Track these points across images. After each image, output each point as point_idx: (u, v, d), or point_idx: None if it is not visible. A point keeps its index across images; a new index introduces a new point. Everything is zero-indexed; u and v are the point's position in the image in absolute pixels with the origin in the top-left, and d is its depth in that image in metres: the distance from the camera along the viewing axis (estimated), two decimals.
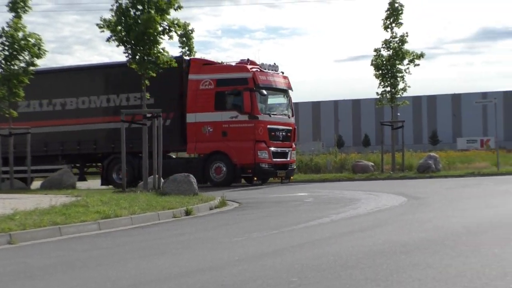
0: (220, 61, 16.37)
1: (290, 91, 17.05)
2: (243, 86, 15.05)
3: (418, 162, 18.62)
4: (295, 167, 17.23)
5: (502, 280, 3.24)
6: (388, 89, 18.19)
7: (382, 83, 18.13)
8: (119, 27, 10.64)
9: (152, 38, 10.57)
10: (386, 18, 18.07)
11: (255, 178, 15.80)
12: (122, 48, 11.03)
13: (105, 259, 5.25)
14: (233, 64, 16.17)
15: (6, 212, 7.41)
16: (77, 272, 4.46)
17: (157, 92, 13.90)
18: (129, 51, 10.84)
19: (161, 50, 10.90)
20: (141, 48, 10.65)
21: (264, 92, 15.36)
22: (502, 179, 14.94)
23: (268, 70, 16.11)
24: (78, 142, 16.30)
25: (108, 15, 10.96)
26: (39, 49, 13.48)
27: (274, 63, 16.73)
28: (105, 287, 3.65)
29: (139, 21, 10.47)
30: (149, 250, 5.65)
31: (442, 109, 35.34)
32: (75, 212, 7.89)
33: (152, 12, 10.35)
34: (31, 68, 13.51)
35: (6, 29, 13.28)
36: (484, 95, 39.44)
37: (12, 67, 13.26)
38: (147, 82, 11.38)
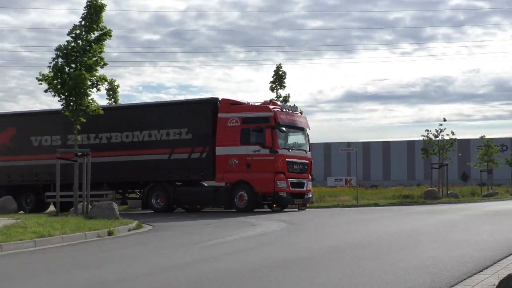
0: (246, 102, 18.10)
1: (307, 129, 18.71)
2: (265, 124, 16.61)
3: None
4: (311, 195, 18.83)
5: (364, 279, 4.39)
6: None
7: None
8: (55, 81, 12.75)
9: (82, 90, 12.72)
10: (272, 82, 22.60)
11: (275, 205, 17.30)
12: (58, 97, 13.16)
13: (38, 272, 5.91)
14: (257, 104, 17.85)
15: None
16: (14, 281, 5.20)
17: (194, 129, 17.06)
18: (64, 101, 12.96)
19: (91, 101, 13.03)
20: (74, 98, 12.81)
21: (284, 129, 16.96)
22: (360, 210, 18.76)
23: (288, 110, 17.89)
24: (122, 171, 17.79)
25: (47, 71, 12.85)
26: None
27: (294, 105, 19.15)
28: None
29: (72, 77, 12.76)
30: (76, 264, 6.51)
31: (316, 155, 43.76)
32: (15, 232, 8.99)
33: (83, 69, 12.70)
34: None
35: None
36: (349, 144, 49.62)
37: None
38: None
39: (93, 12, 12.34)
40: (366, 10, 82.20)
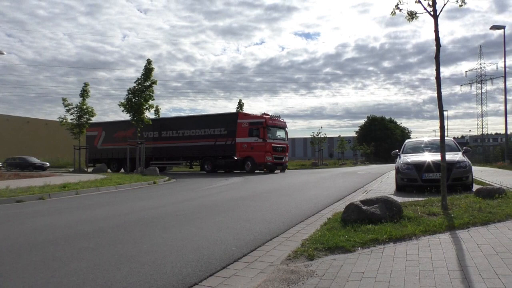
0: (252, 113, 30.01)
1: (286, 128, 30.44)
2: (260, 125, 27.50)
3: None
4: (286, 165, 30.32)
5: (281, 206, 11.94)
6: None
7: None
8: (127, 106, 23.69)
9: (140, 111, 23.77)
10: (237, 108, 41.81)
11: (265, 169, 28.27)
12: (128, 114, 24.26)
13: (117, 201, 11.19)
14: (257, 114, 29.34)
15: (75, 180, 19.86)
16: (109, 206, 11.13)
17: (226, 128, 28.38)
18: (131, 116, 23.99)
19: (145, 117, 24.10)
20: (136, 115, 23.83)
21: (270, 128, 27.96)
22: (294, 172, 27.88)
23: (274, 117, 29.19)
24: (189, 151, 29.94)
25: (123, 101, 23.84)
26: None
27: (279, 115, 30.18)
28: (116, 212, 11.47)
29: (136, 104, 23.69)
30: (135, 198, 11.86)
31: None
32: (106, 181, 16.78)
33: (142, 100, 23.57)
34: None
35: None
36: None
37: None
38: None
39: (148, 71, 23.22)
40: (284, 73, 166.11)
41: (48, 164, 37.76)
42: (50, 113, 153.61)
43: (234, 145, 28.28)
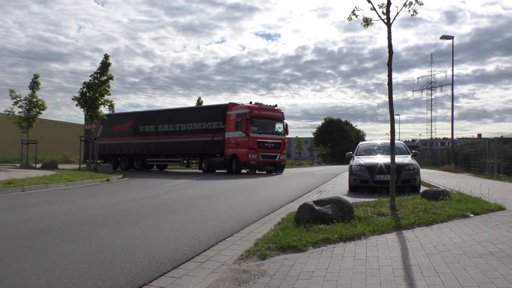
0: (241, 103, 24.83)
1: (283, 120, 25.16)
2: (244, 117, 23.10)
3: None
4: (283, 164, 25.39)
5: (237, 206, 11.90)
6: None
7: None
8: (81, 100, 22.78)
9: (95, 106, 22.97)
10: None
11: (248, 170, 23.81)
12: (81, 109, 23.37)
13: (66, 199, 10.97)
14: (244, 104, 24.32)
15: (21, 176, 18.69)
16: (57, 204, 11.80)
17: (223, 121, 24.35)
18: (85, 111, 23.13)
19: (100, 112, 23.32)
20: (91, 110, 22.99)
21: (255, 120, 23.24)
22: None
23: (265, 107, 24.07)
24: (186, 147, 26.46)
25: (77, 95, 22.88)
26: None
27: (276, 104, 25.01)
28: (65, 211, 11.77)
29: (91, 98, 22.87)
30: (86, 195, 11.69)
31: None
32: (57, 177, 15.86)
33: (97, 95, 22.79)
34: None
35: None
36: None
37: None
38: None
39: (104, 66, 22.48)
40: (244, 73, 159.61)
41: None
42: None
43: (224, 141, 24.52)
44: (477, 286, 3.27)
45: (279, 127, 25.00)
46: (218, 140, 24.73)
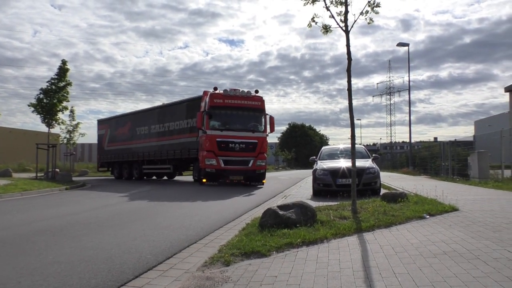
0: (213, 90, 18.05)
1: (262, 109, 18.14)
2: (204, 108, 17.88)
3: None
4: (262, 172, 18.00)
5: (201, 212, 13.00)
6: None
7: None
8: (38, 107, 21.90)
9: (54, 112, 22.15)
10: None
11: (204, 180, 17.52)
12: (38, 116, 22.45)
13: (22, 209, 10.48)
14: (209, 91, 18.11)
15: None
16: (12, 214, 11.39)
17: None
18: (42, 118, 22.22)
19: (58, 118, 22.51)
20: (48, 116, 22.15)
21: (217, 111, 17.47)
22: None
23: (234, 94, 17.71)
24: (173, 150, 21.47)
25: (33, 101, 21.97)
26: None
27: (256, 90, 18.48)
28: (21, 221, 10.35)
29: (48, 104, 22.04)
30: (41, 205, 11.26)
31: None
32: (11, 187, 15.37)
33: (55, 101, 21.99)
34: None
35: None
36: None
37: None
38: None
39: (62, 72, 21.74)
40: (208, 78, 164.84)
41: None
42: None
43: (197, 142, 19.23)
44: (432, 286, 3.41)
45: (256, 121, 18.23)
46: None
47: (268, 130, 18.46)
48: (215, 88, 18.10)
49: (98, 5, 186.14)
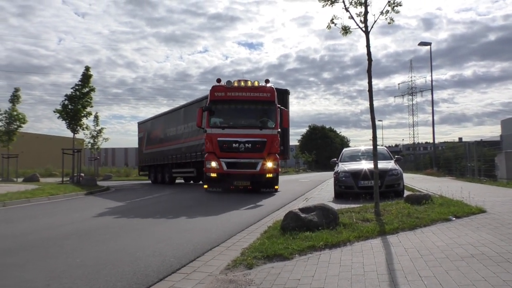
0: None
1: (273, 101, 15.40)
2: (205, 103, 16.13)
3: None
4: (273, 176, 15.17)
5: (223, 215, 11.97)
6: None
7: None
8: (63, 113, 22.51)
9: (78, 118, 22.69)
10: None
11: (205, 186, 15.57)
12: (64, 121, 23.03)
13: (49, 213, 11.27)
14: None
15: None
16: (38, 218, 11.65)
17: None
18: (67, 124, 22.80)
19: (83, 123, 23.05)
20: (73, 122, 22.70)
21: (218, 105, 15.35)
22: None
23: (238, 85, 15.34)
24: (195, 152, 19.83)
25: (59, 107, 22.64)
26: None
27: (267, 80, 15.75)
28: (48, 225, 11.79)
29: (73, 110, 22.59)
30: (67, 209, 11.93)
31: None
32: (39, 191, 15.40)
33: (79, 107, 22.52)
34: None
35: None
36: None
37: None
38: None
39: (86, 78, 22.27)
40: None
41: None
42: None
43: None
44: None
45: (265, 115, 15.61)
46: None
47: (278, 125, 15.55)
48: (218, 80, 15.79)
49: (120, 12, 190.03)
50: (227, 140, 15.05)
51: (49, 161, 40.65)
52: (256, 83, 15.60)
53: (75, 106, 22.02)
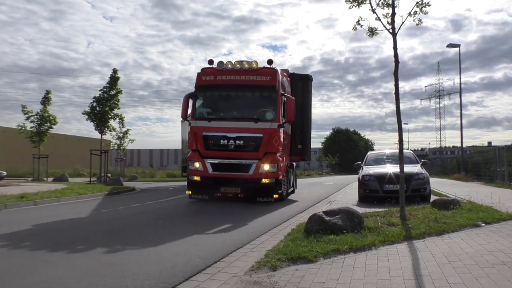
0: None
1: (274, 86, 12.33)
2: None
3: None
4: (271, 181, 12.07)
5: (246, 217, 13.62)
6: None
7: None
8: (91, 114, 23.12)
9: (105, 119, 23.25)
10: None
11: (188, 192, 12.90)
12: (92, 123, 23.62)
13: (78, 212, 11.31)
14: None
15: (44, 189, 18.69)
16: (69, 217, 12.92)
17: None
18: (95, 125, 23.38)
19: (110, 125, 23.59)
20: (101, 123, 23.29)
21: (207, 92, 12.82)
22: None
23: (233, 67, 12.58)
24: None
25: (87, 109, 23.17)
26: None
27: (270, 60, 12.60)
28: (77, 224, 12.21)
29: (100, 112, 23.16)
30: (95, 208, 11.83)
31: None
32: (68, 191, 15.79)
33: (107, 109, 23.08)
34: None
35: None
36: None
37: None
38: None
39: (113, 80, 22.81)
40: None
41: (5, 173, 36.16)
42: (8, 120, 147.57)
43: None
44: None
45: (263, 104, 12.76)
46: None
47: (280, 118, 12.35)
48: (210, 62, 12.81)
49: (147, 15, 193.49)
50: (213, 135, 12.29)
51: (77, 162, 41.74)
52: (254, 64, 12.60)
53: (103, 108, 22.57)
